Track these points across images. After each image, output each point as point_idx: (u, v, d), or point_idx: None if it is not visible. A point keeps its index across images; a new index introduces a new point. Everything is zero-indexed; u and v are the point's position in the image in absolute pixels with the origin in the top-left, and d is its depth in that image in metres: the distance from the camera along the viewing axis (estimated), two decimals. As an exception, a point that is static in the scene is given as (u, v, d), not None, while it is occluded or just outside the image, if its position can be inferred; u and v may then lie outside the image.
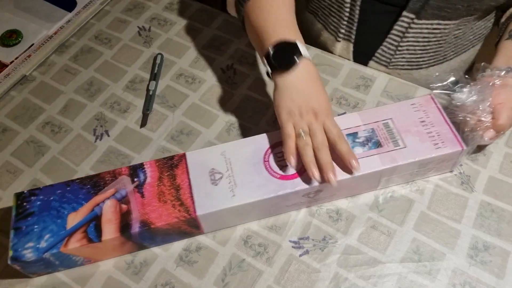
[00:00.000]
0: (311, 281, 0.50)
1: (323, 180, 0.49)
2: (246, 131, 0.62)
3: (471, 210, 0.54)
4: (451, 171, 0.57)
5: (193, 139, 0.62)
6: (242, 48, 0.71)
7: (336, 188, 0.51)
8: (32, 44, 0.73)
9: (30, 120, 0.65)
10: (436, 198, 0.55)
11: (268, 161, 0.52)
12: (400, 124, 0.54)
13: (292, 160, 0.50)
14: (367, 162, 0.51)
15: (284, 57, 0.52)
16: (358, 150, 0.52)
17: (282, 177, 0.51)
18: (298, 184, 0.50)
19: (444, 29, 0.64)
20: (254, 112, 0.64)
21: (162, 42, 0.73)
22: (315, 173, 0.48)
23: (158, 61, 0.70)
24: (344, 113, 0.63)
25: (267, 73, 0.54)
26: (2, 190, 0.59)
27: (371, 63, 0.71)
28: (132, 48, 0.73)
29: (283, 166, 0.52)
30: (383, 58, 0.70)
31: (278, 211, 0.54)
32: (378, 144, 0.53)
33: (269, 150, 0.53)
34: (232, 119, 0.64)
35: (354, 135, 0.54)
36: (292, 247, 0.53)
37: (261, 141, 0.54)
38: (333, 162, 0.49)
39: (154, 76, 0.69)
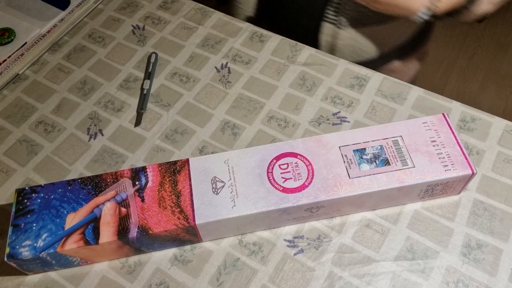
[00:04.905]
0: (305, 279, 0.51)
1: None
2: (240, 130, 0.62)
3: (464, 208, 0.55)
4: (458, 194, 0.56)
5: (188, 138, 0.62)
6: (236, 47, 0.71)
7: (340, 204, 0.51)
8: (25, 43, 0.73)
9: (22, 119, 0.65)
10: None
11: (271, 172, 0.51)
12: (410, 142, 0.53)
13: None
14: (373, 180, 0.50)
15: None
16: (365, 167, 0.51)
17: (285, 190, 0.50)
18: (301, 198, 0.49)
19: None
20: (248, 111, 0.64)
21: (156, 41, 0.73)
22: None
23: (152, 60, 0.70)
24: (339, 112, 0.63)
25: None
26: (-5, 189, 0.58)
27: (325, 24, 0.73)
28: (126, 47, 0.73)
29: (286, 178, 0.51)
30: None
31: (278, 223, 0.53)
32: (386, 162, 0.52)
33: (274, 161, 0.52)
34: (226, 118, 0.64)
35: (362, 151, 0.52)
36: (287, 246, 0.53)
37: (266, 151, 0.53)
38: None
39: (148, 75, 0.68)
